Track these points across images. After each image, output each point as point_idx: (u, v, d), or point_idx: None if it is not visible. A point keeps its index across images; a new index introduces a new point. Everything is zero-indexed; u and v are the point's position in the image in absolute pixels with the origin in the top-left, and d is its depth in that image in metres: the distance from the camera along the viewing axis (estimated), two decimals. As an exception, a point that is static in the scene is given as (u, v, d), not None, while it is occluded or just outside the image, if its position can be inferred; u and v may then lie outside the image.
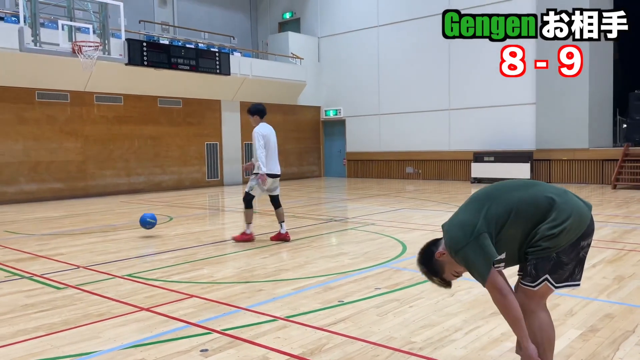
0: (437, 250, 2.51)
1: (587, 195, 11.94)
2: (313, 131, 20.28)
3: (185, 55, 15.02)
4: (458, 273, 2.52)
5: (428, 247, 2.58)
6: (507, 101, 15.73)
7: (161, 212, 10.25)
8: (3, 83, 12.47)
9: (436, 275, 2.55)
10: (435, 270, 2.54)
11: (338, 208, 10.99)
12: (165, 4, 18.52)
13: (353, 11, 19.02)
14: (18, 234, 8.06)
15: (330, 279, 4.93)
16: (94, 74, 12.81)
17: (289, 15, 20.83)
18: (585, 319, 3.69)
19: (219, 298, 4.34)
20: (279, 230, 7.02)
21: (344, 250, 6.29)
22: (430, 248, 2.56)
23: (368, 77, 18.77)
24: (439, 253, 2.50)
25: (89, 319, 3.87)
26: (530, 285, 2.49)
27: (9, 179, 12.70)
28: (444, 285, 2.60)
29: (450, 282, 2.60)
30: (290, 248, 6.49)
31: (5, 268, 5.63)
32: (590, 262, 5.37)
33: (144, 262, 5.86)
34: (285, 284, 4.77)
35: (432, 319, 3.71)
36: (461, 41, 16.25)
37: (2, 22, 12.53)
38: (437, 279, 2.56)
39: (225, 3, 20.45)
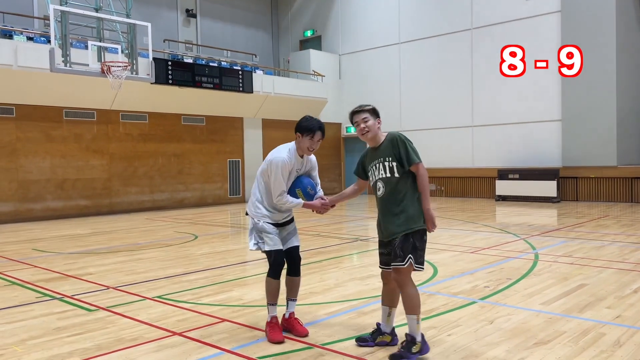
0: (378, 119, 3.65)
1: (617, 215, 11.67)
2: (334, 148, 20.27)
3: (209, 74, 15.17)
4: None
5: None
6: (532, 118, 15.54)
7: (185, 230, 10.26)
8: (32, 102, 12.71)
9: (369, 117, 3.62)
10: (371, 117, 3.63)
11: (362, 227, 10.88)
12: (189, 23, 18.80)
13: (374, 28, 19.07)
14: (46, 252, 8.11)
15: (363, 303, 4.84)
16: (120, 93, 13.00)
17: (311, 33, 20.97)
18: (634, 350, 3.54)
19: (251, 322, 4.27)
20: (285, 314, 4.11)
21: (374, 272, 6.18)
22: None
23: (389, 93, 18.73)
24: (379, 121, 3.67)
25: (122, 343, 3.83)
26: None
27: (36, 196, 12.87)
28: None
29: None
30: (318, 269, 6.41)
31: (35, 288, 5.65)
32: (632, 287, 5.19)
33: (172, 283, 5.83)
34: (317, 308, 4.68)
35: (474, 349, 3.59)
36: (484, 57, 16.22)
37: (31, 42, 12.80)
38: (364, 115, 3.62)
39: (247, 21, 20.68)
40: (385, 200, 3.54)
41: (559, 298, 4.87)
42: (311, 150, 3.89)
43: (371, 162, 3.62)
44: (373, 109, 3.65)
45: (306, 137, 3.84)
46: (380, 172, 3.53)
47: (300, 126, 3.87)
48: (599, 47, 14.15)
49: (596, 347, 3.58)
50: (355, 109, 3.66)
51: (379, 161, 3.55)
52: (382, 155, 3.55)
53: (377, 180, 3.58)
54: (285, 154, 3.85)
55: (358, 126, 3.62)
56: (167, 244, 8.68)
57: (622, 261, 6.55)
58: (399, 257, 3.43)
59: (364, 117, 3.60)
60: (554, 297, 4.90)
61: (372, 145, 3.64)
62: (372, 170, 3.62)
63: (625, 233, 8.93)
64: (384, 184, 3.54)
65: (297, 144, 3.90)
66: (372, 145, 3.65)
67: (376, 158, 3.58)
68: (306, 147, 3.87)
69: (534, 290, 5.12)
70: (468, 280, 5.64)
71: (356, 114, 3.65)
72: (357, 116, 3.64)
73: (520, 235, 8.90)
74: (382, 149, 3.56)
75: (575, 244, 7.89)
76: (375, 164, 3.57)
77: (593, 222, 10.57)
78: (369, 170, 3.65)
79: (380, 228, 3.62)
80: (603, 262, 6.49)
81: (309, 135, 3.83)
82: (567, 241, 8.22)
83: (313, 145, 3.86)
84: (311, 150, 3.89)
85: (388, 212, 3.52)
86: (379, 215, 3.63)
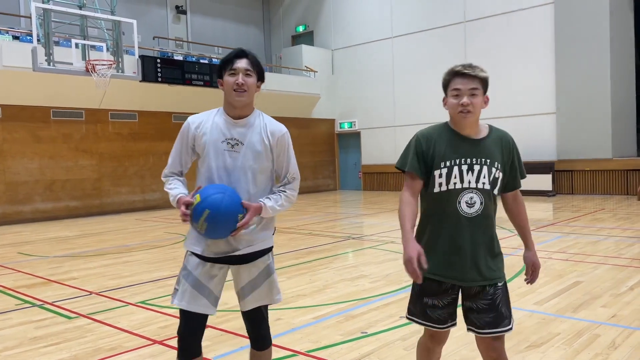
0: (486, 97, 2.31)
1: (613, 208, 11.56)
2: (328, 144, 20.10)
3: (199, 71, 14.97)
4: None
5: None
6: (527, 111, 15.41)
7: (176, 231, 10.11)
8: (19, 102, 12.50)
9: None
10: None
11: (355, 224, 10.75)
12: (179, 19, 18.57)
13: (366, 22, 18.88)
14: (32, 256, 7.95)
15: (352, 305, 4.70)
16: (108, 92, 12.79)
17: (302, 29, 20.77)
18: (630, 353, 3.41)
19: (235, 329, 4.13)
20: None
21: (364, 272, 6.05)
22: None
23: (383, 88, 18.57)
24: (487, 99, 2.31)
25: (100, 353, 3.68)
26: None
27: (24, 198, 12.68)
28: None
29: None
30: (308, 270, 6.27)
31: (16, 295, 5.49)
32: (627, 284, 5.07)
33: (157, 287, 5.68)
34: (304, 312, 4.54)
35: (464, 354, 3.47)
36: (478, 51, 16.05)
37: (17, 41, 12.58)
38: None
39: (238, 17, 20.46)
40: (476, 224, 2.28)
41: (553, 297, 4.75)
42: (240, 91, 2.38)
43: (457, 157, 2.27)
44: (486, 79, 2.26)
45: (228, 77, 2.40)
46: (481, 178, 2.25)
47: (218, 68, 2.49)
48: (593, 38, 14.01)
49: (591, 350, 3.45)
50: (461, 69, 2.24)
51: (479, 161, 2.26)
52: (486, 155, 2.27)
53: (464, 190, 2.26)
54: (200, 114, 2.54)
55: (458, 98, 2.23)
56: (156, 246, 8.52)
57: (618, 256, 6.44)
58: (506, 319, 2.28)
59: (472, 86, 2.21)
60: (548, 296, 4.77)
61: (466, 132, 2.29)
62: (455, 169, 2.25)
63: (621, 227, 8.81)
64: (482, 197, 2.26)
65: (224, 98, 2.46)
66: (465, 133, 2.29)
67: (472, 155, 2.27)
68: (231, 90, 2.38)
69: (527, 289, 4.99)
70: (460, 279, 5.50)
71: (460, 78, 2.23)
72: (462, 81, 2.22)
73: (514, 230, 8.77)
74: (486, 145, 2.30)
75: (570, 239, 7.77)
76: (469, 163, 2.26)
77: (589, 215, 10.46)
78: (445, 167, 2.26)
79: (450, 263, 2.29)
80: (598, 258, 6.37)
81: (229, 70, 2.40)
82: (562, 236, 8.10)
83: (238, 79, 2.37)
84: (240, 91, 2.38)
85: (481, 243, 2.29)
86: (450, 244, 2.29)
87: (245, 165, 2.43)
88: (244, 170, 2.43)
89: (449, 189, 2.27)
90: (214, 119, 2.47)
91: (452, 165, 2.26)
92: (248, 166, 2.43)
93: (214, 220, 2.23)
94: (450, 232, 2.28)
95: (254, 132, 2.45)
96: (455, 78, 2.25)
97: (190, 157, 2.54)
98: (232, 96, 2.40)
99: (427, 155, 2.30)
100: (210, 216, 2.22)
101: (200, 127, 2.46)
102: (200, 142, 2.45)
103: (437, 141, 2.30)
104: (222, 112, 2.50)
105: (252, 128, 2.46)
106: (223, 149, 2.43)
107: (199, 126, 2.46)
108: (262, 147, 2.45)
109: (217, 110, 2.51)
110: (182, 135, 2.52)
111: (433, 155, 2.29)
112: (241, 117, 2.46)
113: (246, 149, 2.43)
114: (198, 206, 2.25)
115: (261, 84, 2.51)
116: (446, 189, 2.27)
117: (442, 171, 2.27)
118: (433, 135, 2.33)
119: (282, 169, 2.55)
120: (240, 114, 2.46)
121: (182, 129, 2.51)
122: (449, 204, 2.27)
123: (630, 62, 15.29)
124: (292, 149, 2.57)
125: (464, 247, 2.27)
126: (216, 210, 2.23)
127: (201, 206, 2.24)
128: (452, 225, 2.28)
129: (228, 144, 2.43)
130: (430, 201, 2.34)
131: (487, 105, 2.30)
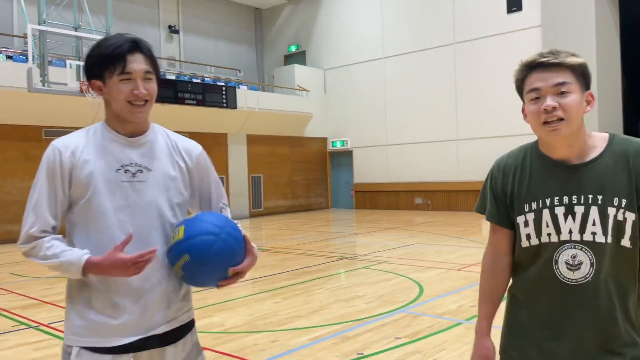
0: (589, 93, 1.54)
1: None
2: (320, 162, 20.21)
3: (192, 90, 15.07)
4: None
5: None
6: (516, 131, 15.58)
7: (169, 250, 10.09)
8: (10, 122, 12.50)
9: None
10: None
11: (348, 244, 10.80)
12: (172, 39, 18.72)
13: (358, 43, 19.15)
14: (24, 277, 7.90)
15: (347, 327, 4.74)
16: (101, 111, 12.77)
17: (295, 48, 21.00)
18: None
19: (232, 351, 4.15)
20: None
21: (359, 292, 6.09)
22: None
23: (374, 108, 18.78)
24: (591, 98, 1.53)
25: (97, 377, 3.68)
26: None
27: (15, 217, 12.58)
28: None
29: None
30: (303, 291, 6.30)
31: (12, 316, 5.47)
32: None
33: (152, 308, 5.67)
34: (299, 334, 4.58)
35: None
36: (468, 71, 16.34)
37: (10, 61, 12.63)
38: None
39: (231, 37, 20.67)
40: (585, 296, 1.48)
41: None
42: (141, 104, 1.67)
43: (546, 196, 1.53)
44: (582, 66, 1.49)
45: (119, 84, 1.65)
46: (588, 225, 1.48)
47: (91, 64, 1.70)
48: (579, 60, 14.33)
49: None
50: (538, 58, 1.50)
51: (583, 199, 1.48)
52: (596, 188, 1.48)
53: (563, 244, 1.50)
54: (70, 135, 1.76)
55: (539, 102, 1.49)
56: (149, 266, 8.50)
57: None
58: None
59: (558, 81, 1.46)
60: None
61: (561, 153, 1.52)
62: (546, 214, 1.52)
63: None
64: (592, 255, 1.47)
65: (106, 108, 1.75)
66: (560, 155, 1.53)
67: (572, 190, 1.50)
68: (124, 102, 1.66)
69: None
70: (454, 299, 5.56)
71: (539, 71, 1.49)
72: (541, 76, 1.49)
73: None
74: (596, 171, 1.49)
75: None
76: (567, 203, 1.50)
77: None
78: (531, 211, 1.55)
79: (544, 350, 1.55)
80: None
81: (119, 71, 1.65)
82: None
83: (138, 89, 1.66)
84: (141, 104, 1.67)
85: (590, 326, 1.49)
86: (543, 323, 1.56)
87: (157, 199, 1.71)
88: (157, 208, 1.70)
89: (542, 242, 1.53)
90: (95, 140, 1.71)
91: (541, 208, 1.52)
92: (163, 201, 1.72)
93: (193, 272, 1.66)
94: (546, 307, 1.54)
95: (161, 152, 1.76)
96: (531, 73, 1.51)
97: (67, 201, 1.68)
98: (128, 111, 1.67)
99: (505, 195, 1.60)
100: (189, 264, 1.63)
101: (78, 153, 1.67)
102: (82, 175, 1.65)
103: (518, 173, 1.59)
104: (105, 128, 1.74)
105: (156, 147, 1.76)
106: (120, 181, 1.67)
107: (75, 152, 1.67)
108: (178, 171, 1.77)
109: (92, 128, 1.76)
110: (49, 169, 1.66)
111: (512, 194, 1.59)
112: (137, 133, 1.74)
113: (156, 176, 1.72)
114: (178, 245, 1.64)
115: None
116: (538, 242, 1.54)
117: (527, 217, 1.55)
118: (513, 164, 1.61)
119: (209, 194, 1.87)
120: (135, 130, 1.73)
121: (46, 160, 1.68)
122: (543, 265, 1.53)
123: (617, 84, 15.62)
124: (214, 169, 1.91)
125: (565, 330, 1.50)
126: (199, 260, 1.62)
127: (181, 246, 1.63)
128: (547, 297, 1.54)
129: (127, 173, 1.68)
130: (520, 259, 1.61)
131: (592, 106, 1.51)
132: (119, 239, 1.60)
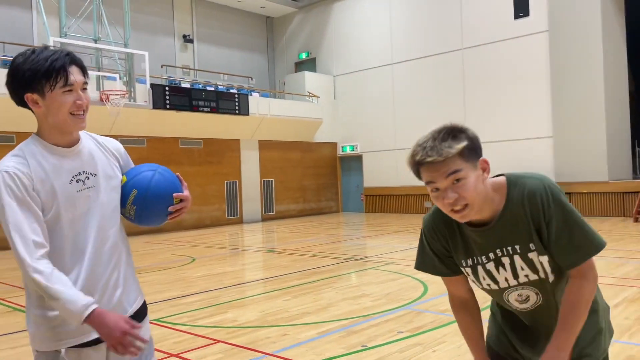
0: (482, 161, 1.56)
1: (609, 229, 11.86)
2: (330, 167, 20.52)
3: (206, 98, 15.49)
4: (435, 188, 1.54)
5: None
6: (524, 135, 15.83)
7: (183, 253, 10.44)
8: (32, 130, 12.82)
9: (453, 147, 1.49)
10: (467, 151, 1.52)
11: (357, 246, 11.07)
12: (186, 48, 19.19)
13: (367, 49, 19.47)
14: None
15: (353, 322, 5.02)
16: (118, 118, 13.27)
17: (305, 55, 21.37)
18: (608, 363, 3.71)
19: (245, 343, 4.45)
20: None
21: (366, 291, 6.37)
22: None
23: (383, 113, 19.06)
24: (485, 166, 1.56)
25: (121, 366, 4.00)
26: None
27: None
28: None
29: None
30: (312, 289, 6.59)
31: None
32: (612, 302, 5.37)
33: (170, 306, 6.01)
34: (308, 328, 4.87)
35: None
36: (475, 76, 16.56)
37: (32, 71, 13.10)
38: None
39: (243, 45, 21.10)
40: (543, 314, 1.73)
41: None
42: (82, 115, 1.75)
43: (473, 255, 1.70)
44: (466, 147, 1.52)
45: (62, 95, 1.69)
46: (519, 271, 1.65)
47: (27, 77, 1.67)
48: (587, 64, 14.50)
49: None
50: (421, 158, 1.52)
51: (505, 251, 1.64)
52: (511, 240, 1.62)
53: (507, 289, 1.71)
54: (11, 158, 1.70)
55: (439, 193, 1.55)
56: (165, 267, 8.85)
57: (608, 275, 6.74)
58: None
59: (448, 172, 1.51)
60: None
61: (476, 220, 1.63)
62: (480, 270, 1.70)
63: (613, 248, 9.12)
64: (535, 289, 1.68)
65: (42, 122, 1.75)
66: (475, 221, 1.63)
67: (493, 246, 1.65)
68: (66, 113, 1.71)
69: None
70: (456, 297, 5.81)
71: (427, 170, 1.54)
72: (431, 173, 1.54)
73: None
74: (506, 226, 1.62)
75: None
76: (494, 258, 1.66)
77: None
78: (468, 267, 1.72)
79: (521, 338, 1.82)
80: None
81: (60, 84, 1.68)
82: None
83: (80, 99, 1.73)
84: (82, 115, 1.75)
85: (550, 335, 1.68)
86: (516, 323, 1.84)
87: (110, 200, 1.83)
88: (112, 208, 1.83)
89: (486, 289, 1.74)
90: (40, 158, 1.71)
91: (476, 264, 1.68)
92: (113, 199, 1.84)
93: (143, 201, 1.84)
94: (513, 318, 1.82)
95: (97, 155, 1.86)
96: (421, 168, 1.55)
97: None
98: (71, 122, 1.72)
99: (447, 250, 1.73)
100: (138, 196, 1.84)
101: (33, 174, 1.67)
102: (42, 194, 1.68)
103: (448, 234, 1.71)
104: (42, 144, 1.73)
105: (92, 152, 1.85)
106: (76, 191, 1.73)
107: (31, 173, 1.66)
108: (118, 170, 1.92)
109: (25, 147, 1.74)
110: (18, 193, 1.62)
111: (450, 250, 1.72)
112: (74, 143, 1.81)
113: (101, 179, 1.82)
114: (124, 187, 1.87)
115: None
116: (483, 288, 1.75)
117: (466, 270, 1.72)
118: (437, 226, 1.72)
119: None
120: (72, 140, 1.80)
121: (8, 186, 1.62)
122: (499, 300, 1.79)
123: (624, 87, 15.74)
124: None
125: (536, 327, 1.77)
126: (145, 190, 1.84)
127: (128, 186, 1.86)
128: (514, 315, 1.81)
129: (78, 182, 1.75)
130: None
131: (487, 173, 1.57)
132: (83, 245, 1.73)
